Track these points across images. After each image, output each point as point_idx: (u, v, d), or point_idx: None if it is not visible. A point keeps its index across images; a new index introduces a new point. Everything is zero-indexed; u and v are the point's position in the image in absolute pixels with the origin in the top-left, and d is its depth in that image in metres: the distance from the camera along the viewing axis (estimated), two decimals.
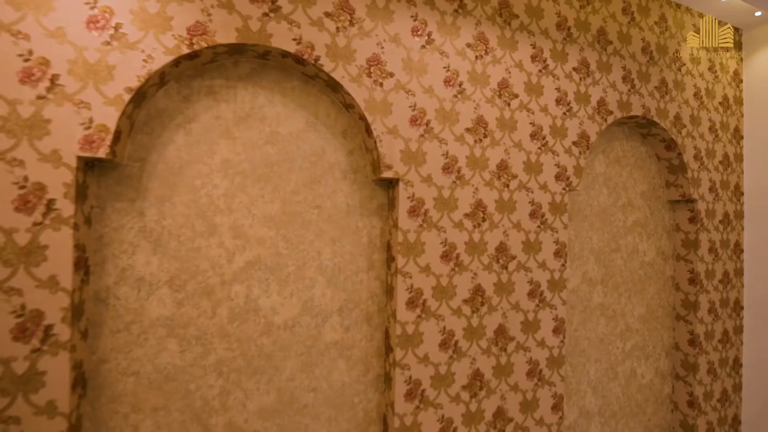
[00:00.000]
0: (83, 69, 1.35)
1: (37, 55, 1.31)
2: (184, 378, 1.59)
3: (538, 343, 2.07)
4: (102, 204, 1.51)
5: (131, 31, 1.40)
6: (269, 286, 1.71)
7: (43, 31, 1.32)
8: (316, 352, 1.79)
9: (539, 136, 2.09)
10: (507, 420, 1.99)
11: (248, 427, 1.67)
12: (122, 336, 1.51)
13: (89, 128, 1.35)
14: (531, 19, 2.08)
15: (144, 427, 1.54)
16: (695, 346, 2.61)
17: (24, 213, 1.29)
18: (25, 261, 1.29)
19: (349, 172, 1.86)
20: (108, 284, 1.50)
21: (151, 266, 1.55)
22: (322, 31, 1.65)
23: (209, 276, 1.63)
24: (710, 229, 2.66)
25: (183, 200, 1.60)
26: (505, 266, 1.99)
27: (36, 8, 1.31)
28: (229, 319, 1.65)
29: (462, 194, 1.90)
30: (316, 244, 1.80)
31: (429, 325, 1.82)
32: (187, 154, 1.61)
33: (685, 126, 2.57)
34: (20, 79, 1.30)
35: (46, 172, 1.31)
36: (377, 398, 1.89)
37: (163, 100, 1.58)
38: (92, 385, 1.48)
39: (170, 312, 1.57)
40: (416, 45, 1.82)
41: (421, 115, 1.82)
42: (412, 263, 1.80)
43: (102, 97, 1.37)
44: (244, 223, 1.68)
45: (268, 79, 1.73)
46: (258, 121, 1.72)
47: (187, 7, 1.47)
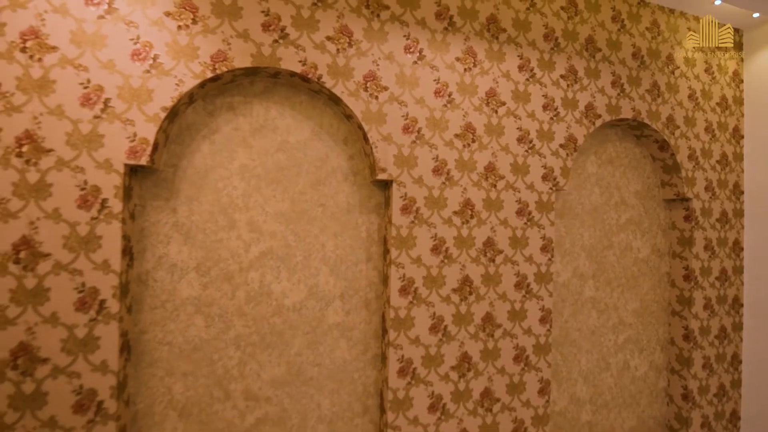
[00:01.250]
0: (129, 93, 1.67)
1: (93, 83, 1.63)
2: (209, 349, 1.88)
3: (525, 330, 2.25)
4: (143, 202, 1.82)
5: (166, 60, 1.71)
6: (280, 274, 1.99)
7: (98, 64, 1.64)
8: (321, 332, 2.05)
9: (526, 140, 2.26)
10: (494, 400, 2.18)
11: (262, 394, 1.95)
12: (159, 312, 1.83)
13: (133, 141, 1.67)
14: (518, 32, 2.26)
15: (176, 388, 1.84)
16: (689, 341, 2.69)
17: (84, 209, 1.62)
18: (85, 248, 1.62)
19: (350, 174, 2.11)
20: (147, 269, 1.82)
21: (182, 254, 1.86)
22: (324, 53, 1.91)
23: (229, 263, 1.92)
24: (706, 227, 2.73)
25: (208, 199, 1.90)
26: (492, 259, 2.18)
27: (92, 45, 1.64)
28: (246, 301, 1.93)
29: (451, 194, 2.10)
30: (320, 238, 2.06)
31: (420, 310, 2.05)
32: (211, 160, 1.91)
33: (679, 127, 2.66)
34: (81, 102, 1.63)
35: (101, 176, 1.63)
36: (375, 375, 2.13)
37: (192, 115, 1.89)
38: (135, 351, 1.79)
39: (197, 293, 1.87)
40: (408, 61, 2.04)
41: (413, 124, 2.04)
42: (405, 255, 2.02)
43: (143, 116, 1.68)
44: (259, 219, 1.97)
45: (279, 95, 2.01)
46: (270, 131, 1.99)
47: (211, 39, 1.76)
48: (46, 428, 1.57)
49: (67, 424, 1.59)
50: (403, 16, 2.04)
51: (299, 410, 2.00)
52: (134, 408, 1.79)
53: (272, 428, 1.96)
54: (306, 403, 2.02)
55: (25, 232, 1.56)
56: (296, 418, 2.00)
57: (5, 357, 1.54)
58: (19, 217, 1.55)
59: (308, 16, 1.88)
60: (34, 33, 1.58)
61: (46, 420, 1.57)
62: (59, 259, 1.59)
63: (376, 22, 1.99)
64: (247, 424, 1.93)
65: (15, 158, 1.56)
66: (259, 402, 1.94)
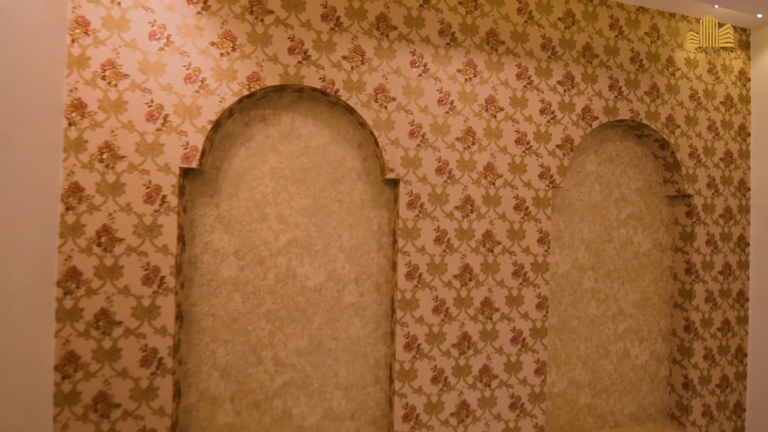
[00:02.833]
0: (182, 110, 2.06)
1: (156, 103, 2.03)
2: (244, 321, 2.25)
3: (522, 315, 2.47)
4: (192, 198, 2.22)
5: (211, 82, 2.09)
6: (303, 259, 2.33)
7: (159, 87, 2.04)
8: (338, 310, 2.37)
9: (523, 141, 2.48)
10: (492, 376, 2.42)
11: (288, 361, 2.30)
12: (205, 289, 2.21)
13: (186, 148, 2.05)
14: (516, 44, 2.48)
15: (218, 353, 2.22)
16: (690, 332, 2.80)
17: (149, 204, 2.02)
18: (149, 235, 2.02)
19: (363, 174, 2.42)
20: (196, 253, 2.21)
21: (223, 242, 2.24)
22: (341, 71, 2.23)
23: (261, 250, 2.28)
24: (708, 223, 2.83)
25: (244, 196, 2.27)
26: (491, 249, 2.42)
27: (155, 72, 2.03)
28: (275, 281, 2.29)
29: (452, 191, 2.37)
30: (338, 229, 2.38)
31: (424, 293, 2.32)
32: (247, 163, 2.28)
33: (679, 126, 2.78)
34: (146, 118, 2.03)
35: (161, 177, 2.03)
36: (384, 350, 2.43)
37: (231, 126, 2.26)
38: (186, 320, 2.19)
39: (235, 274, 2.24)
40: (414, 74, 2.33)
41: (418, 129, 2.32)
42: (410, 245, 2.31)
43: (194, 128, 2.07)
44: (286, 212, 2.31)
45: (302, 107, 2.35)
46: (296, 138, 2.34)
47: (246, 63, 2.12)
48: (120, 377, 1.99)
49: (135, 374, 1.99)
50: (410, 35, 2.32)
51: (319, 377, 2.34)
52: (185, 366, 2.19)
53: (296, 391, 2.31)
54: (325, 371, 2.35)
55: (105, 222, 1.98)
56: (317, 383, 2.33)
57: (90, 319, 1.96)
58: (101, 210, 1.97)
59: (327, 40, 2.21)
60: (111, 64, 1.99)
61: (120, 370, 1.98)
62: (130, 243, 2.00)
63: (386, 42, 2.29)
64: (275, 386, 2.28)
65: (97, 163, 1.98)
66: (286, 368, 2.30)
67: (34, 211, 1.79)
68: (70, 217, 1.94)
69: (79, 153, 1.95)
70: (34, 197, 1.79)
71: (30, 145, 1.75)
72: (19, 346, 1.71)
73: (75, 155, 1.95)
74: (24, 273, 1.73)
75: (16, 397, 1.68)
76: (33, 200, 1.79)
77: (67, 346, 1.93)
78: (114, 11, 1.99)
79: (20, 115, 1.68)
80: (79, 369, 1.94)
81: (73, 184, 1.94)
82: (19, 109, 1.67)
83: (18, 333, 1.69)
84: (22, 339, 1.72)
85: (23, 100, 1.70)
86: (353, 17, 2.24)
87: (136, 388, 1.99)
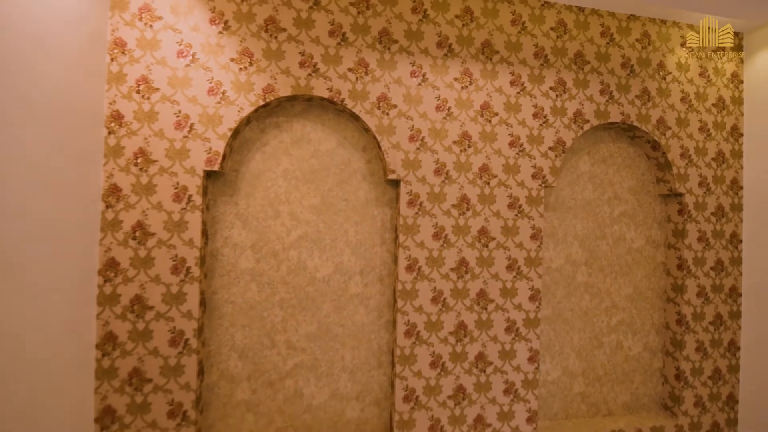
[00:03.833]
0: (206, 119, 2.31)
1: (183, 113, 2.29)
2: (260, 308, 2.50)
3: (516, 306, 2.64)
4: (214, 198, 2.47)
5: (231, 94, 2.34)
6: (313, 253, 2.56)
7: (186, 99, 2.30)
8: (344, 299, 2.59)
9: (517, 144, 2.66)
10: (487, 363, 2.60)
11: (299, 345, 2.53)
12: (225, 279, 2.47)
13: (209, 153, 2.31)
14: (510, 53, 2.66)
15: (237, 336, 2.47)
16: (682, 325, 2.92)
17: (177, 202, 2.28)
18: (177, 230, 2.28)
19: (368, 175, 2.63)
20: (217, 246, 2.47)
21: (241, 237, 2.48)
22: (346, 81, 2.45)
23: (275, 244, 2.52)
24: (699, 221, 2.94)
25: (260, 195, 2.51)
26: (486, 245, 2.61)
27: (182, 86, 2.30)
28: (287, 273, 2.52)
29: (449, 190, 2.56)
30: (344, 226, 2.60)
31: (423, 284, 2.52)
32: (262, 165, 2.52)
33: (670, 128, 2.90)
34: (175, 127, 2.29)
35: (188, 179, 2.29)
36: (387, 336, 2.64)
37: (249, 132, 2.51)
38: (209, 307, 2.45)
39: (252, 266, 2.49)
40: (414, 83, 2.53)
41: (417, 134, 2.53)
42: (410, 240, 2.51)
43: (216, 135, 2.32)
44: (297, 210, 2.55)
45: (312, 114, 2.58)
46: (306, 142, 2.57)
47: (262, 76, 2.36)
48: (151, 355, 2.25)
49: (165, 353, 2.25)
50: (410, 47, 2.53)
51: (327, 360, 2.56)
52: (208, 348, 2.44)
53: (306, 372, 2.54)
54: (332, 354, 2.57)
55: (139, 218, 2.25)
56: (325, 366, 2.56)
57: (126, 304, 2.23)
58: (136, 208, 2.24)
59: (334, 53, 2.44)
60: (144, 80, 2.26)
61: (151, 349, 2.25)
62: (161, 237, 2.26)
63: (387, 54, 2.50)
64: (287, 368, 2.52)
65: (133, 167, 2.25)
66: (297, 351, 2.53)
67: (79, 208, 2.07)
68: (110, 214, 2.22)
69: (117, 158, 2.23)
70: (79, 197, 2.06)
71: (75, 151, 2.02)
72: (67, 326, 1.98)
73: (114, 160, 2.22)
74: (71, 263, 2.00)
75: (64, 371, 1.96)
76: (78, 199, 2.06)
77: (107, 327, 2.21)
78: (147, 33, 2.26)
79: (68, 125, 1.96)
80: (116, 347, 2.21)
81: (112, 185, 2.22)
82: (66, 119, 1.95)
83: (66, 315, 1.97)
84: (69, 320, 2.00)
85: (70, 112, 1.97)
86: (358, 32, 2.46)
87: (165, 366, 2.25)
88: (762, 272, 2.91)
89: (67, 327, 1.98)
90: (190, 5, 2.29)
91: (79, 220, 2.06)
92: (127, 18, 2.24)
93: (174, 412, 2.24)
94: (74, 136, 2.00)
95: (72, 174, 1.99)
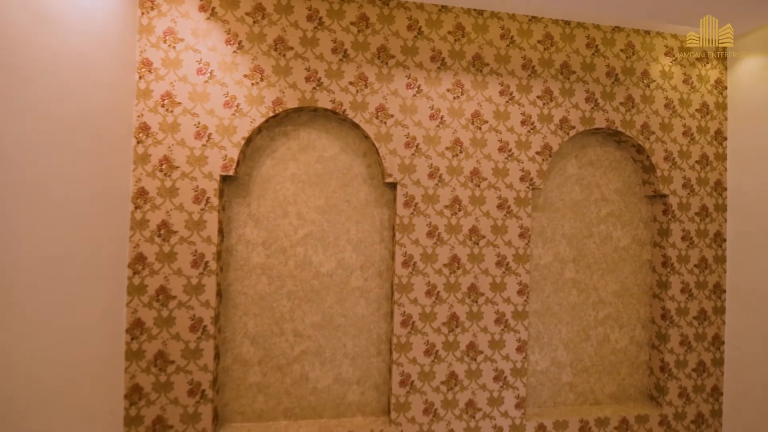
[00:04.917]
0: (222, 129, 2.59)
1: (202, 124, 2.57)
2: (270, 299, 2.76)
3: (504, 300, 2.85)
4: (229, 200, 2.75)
5: (245, 106, 2.61)
6: (318, 249, 2.81)
7: (204, 111, 2.58)
8: (346, 292, 2.84)
9: (506, 149, 2.87)
10: (478, 352, 2.81)
11: (305, 333, 2.78)
12: (239, 272, 2.74)
13: (225, 160, 2.58)
14: (499, 65, 2.87)
15: (249, 325, 2.74)
16: (666, 319, 3.07)
17: (196, 204, 2.56)
18: (197, 228, 2.56)
19: (368, 178, 2.88)
20: (232, 243, 2.74)
21: (253, 235, 2.75)
22: (348, 94, 2.70)
23: (283, 241, 2.78)
24: (683, 220, 3.10)
25: (270, 197, 2.78)
26: (477, 242, 2.82)
27: (201, 100, 2.58)
28: (295, 267, 2.78)
29: (442, 192, 2.78)
30: (346, 225, 2.85)
31: (418, 279, 2.75)
32: (272, 170, 2.79)
33: (654, 133, 3.07)
34: (194, 136, 2.57)
35: (206, 183, 2.57)
36: (385, 326, 2.87)
37: (260, 140, 2.78)
38: (224, 297, 2.72)
39: (263, 261, 2.76)
40: (409, 95, 2.76)
41: (413, 141, 2.76)
42: (406, 238, 2.74)
43: (231, 143, 2.59)
44: (303, 211, 2.81)
45: (317, 123, 2.84)
46: (312, 149, 2.83)
47: (272, 90, 2.63)
48: (174, 340, 2.53)
49: (185, 338, 2.53)
50: (406, 61, 2.76)
51: (331, 347, 2.81)
52: (223, 335, 2.72)
53: (312, 358, 2.79)
54: (335, 342, 2.82)
55: (164, 218, 2.53)
56: (329, 352, 2.81)
57: (152, 294, 2.52)
58: (161, 209, 2.53)
59: (336, 69, 2.69)
60: (168, 95, 2.55)
61: (174, 334, 2.53)
62: (182, 234, 2.54)
63: (385, 68, 2.74)
64: (295, 353, 2.77)
65: (158, 172, 2.54)
66: (303, 339, 2.78)
67: (111, 209, 2.36)
68: (138, 214, 2.51)
69: (145, 164, 2.52)
70: (111, 199, 2.36)
71: (108, 158, 2.32)
72: (101, 313, 2.27)
73: (142, 166, 2.51)
74: (104, 257, 2.29)
75: (97, 353, 2.25)
76: (110, 201, 2.35)
77: (135, 314, 2.49)
78: (170, 53, 2.55)
79: (102, 135, 2.25)
80: (143, 332, 2.50)
81: (140, 189, 2.51)
82: (101, 131, 2.24)
83: (100, 303, 2.25)
84: (104, 307, 2.29)
85: (104, 124, 2.27)
86: (358, 49, 2.71)
87: (186, 349, 2.52)
88: (746, 269, 3.05)
89: (103, 313, 2.27)
90: (208, 28, 2.58)
91: (111, 219, 2.35)
92: (153, 41, 2.53)
93: (194, 390, 2.51)
94: (108, 145, 2.29)
95: (106, 179, 2.28)
